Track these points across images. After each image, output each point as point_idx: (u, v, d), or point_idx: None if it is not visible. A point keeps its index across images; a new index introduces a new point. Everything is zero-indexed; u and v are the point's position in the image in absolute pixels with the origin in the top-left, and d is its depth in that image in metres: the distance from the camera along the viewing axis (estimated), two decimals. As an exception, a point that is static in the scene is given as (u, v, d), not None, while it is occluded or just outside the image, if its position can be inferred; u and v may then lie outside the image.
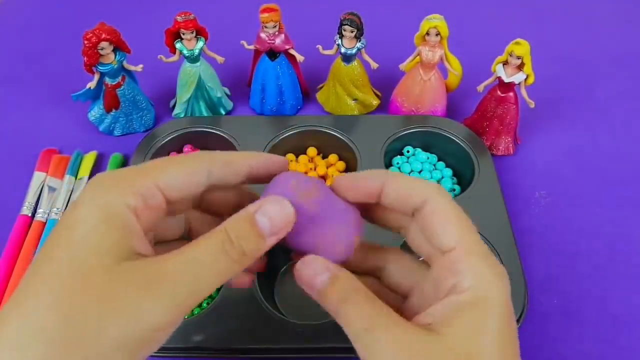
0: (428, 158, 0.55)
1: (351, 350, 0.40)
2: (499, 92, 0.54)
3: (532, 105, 0.54)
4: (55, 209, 0.51)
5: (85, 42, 0.51)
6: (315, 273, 0.24)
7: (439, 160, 0.56)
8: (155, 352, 0.40)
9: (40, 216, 0.51)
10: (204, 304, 0.45)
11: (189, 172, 0.25)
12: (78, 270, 0.20)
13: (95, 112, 0.58)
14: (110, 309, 0.20)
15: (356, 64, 0.57)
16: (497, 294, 0.22)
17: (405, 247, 0.29)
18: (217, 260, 0.22)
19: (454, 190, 0.53)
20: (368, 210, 0.28)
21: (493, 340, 0.22)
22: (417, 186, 0.25)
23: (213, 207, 0.29)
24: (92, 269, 0.20)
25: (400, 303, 0.27)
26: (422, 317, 0.24)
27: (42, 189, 0.53)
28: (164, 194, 0.24)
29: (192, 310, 0.44)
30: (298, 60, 0.58)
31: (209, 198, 0.29)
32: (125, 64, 0.55)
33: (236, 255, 0.23)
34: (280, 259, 0.48)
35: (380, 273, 0.29)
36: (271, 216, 0.23)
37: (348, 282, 0.24)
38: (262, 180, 0.27)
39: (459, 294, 0.22)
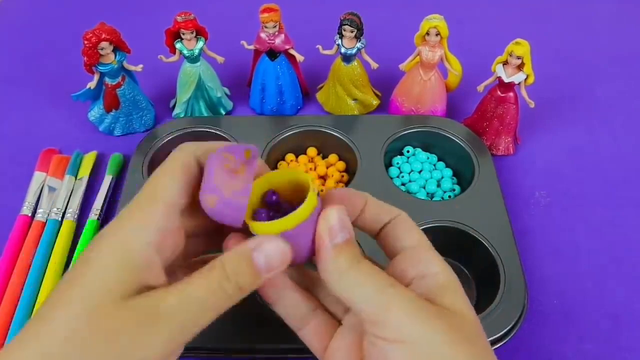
0: (428, 158, 0.55)
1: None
2: (499, 92, 0.54)
3: (532, 105, 0.54)
4: (55, 209, 0.51)
5: (85, 42, 0.51)
6: (334, 229, 0.25)
7: (439, 160, 0.56)
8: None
9: (40, 216, 0.51)
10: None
11: (186, 174, 0.26)
12: (87, 309, 0.22)
13: (95, 112, 0.58)
14: (113, 345, 0.22)
15: (356, 64, 0.57)
16: (455, 277, 0.27)
17: None
18: (214, 297, 0.24)
19: (454, 190, 0.53)
20: None
21: (472, 308, 0.26)
22: (389, 207, 0.29)
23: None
24: (101, 308, 0.22)
25: None
26: None
27: (42, 189, 0.53)
28: (178, 213, 0.25)
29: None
30: (298, 60, 0.58)
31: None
32: (125, 64, 0.55)
33: (232, 291, 0.24)
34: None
35: None
36: (267, 254, 0.24)
37: (358, 249, 0.26)
38: None
39: (433, 276, 0.26)
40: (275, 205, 0.27)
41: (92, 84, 0.55)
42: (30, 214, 0.51)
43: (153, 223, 0.24)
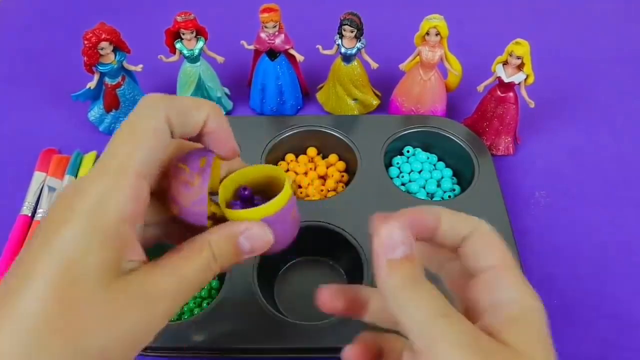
0: (428, 158, 0.55)
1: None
2: (499, 92, 0.54)
3: (532, 105, 0.54)
4: (55, 209, 0.51)
5: (85, 42, 0.51)
6: (388, 244, 0.23)
7: (439, 160, 0.56)
8: (156, 352, 0.41)
9: (40, 216, 0.51)
10: (204, 304, 0.45)
11: (157, 140, 0.24)
12: (71, 292, 0.21)
13: (95, 112, 0.58)
14: (112, 330, 0.21)
15: (356, 64, 0.57)
16: (540, 305, 0.24)
17: None
18: (203, 276, 0.24)
19: (454, 190, 0.53)
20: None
21: (546, 346, 0.23)
22: (465, 218, 0.25)
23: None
24: (85, 292, 0.21)
25: None
26: None
27: (42, 189, 0.53)
28: (146, 181, 0.23)
29: (192, 310, 0.44)
30: (298, 60, 0.58)
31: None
32: (125, 64, 0.55)
33: (216, 270, 0.25)
34: (280, 259, 0.48)
35: None
36: (254, 241, 0.25)
37: (418, 267, 0.23)
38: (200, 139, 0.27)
39: (507, 305, 0.23)
40: (248, 198, 0.28)
41: (92, 84, 0.55)
42: (30, 214, 0.51)
43: (126, 195, 0.22)
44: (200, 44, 0.56)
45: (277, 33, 0.55)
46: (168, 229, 0.27)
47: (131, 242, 0.23)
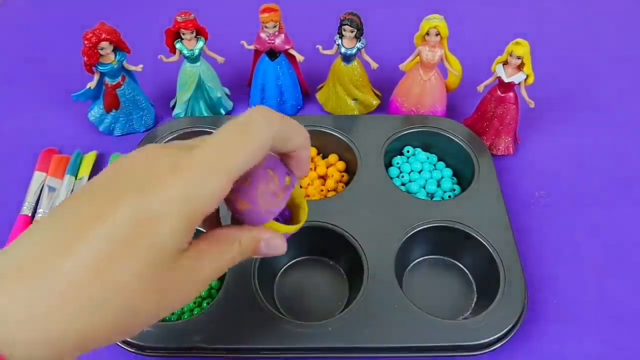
0: (428, 158, 0.55)
1: (351, 350, 0.41)
2: (499, 92, 0.54)
3: (532, 105, 0.54)
4: (55, 209, 0.51)
5: (85, 42, 0.51)
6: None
7: (439, 160, 0.56)
8: (156, 352, 0.41)
9: (40, 216, 0.51)
10: (204, 304, 0.45)
11: (259, 154, 0.26)
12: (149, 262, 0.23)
13: (95, 112, 0.58)
14: (160, 299, 0.24)
15: (356, 64, 0.57)
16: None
17: None
18: (229, 266, 0.28)
19: (454, 190, 0.53)
20: None
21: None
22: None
23: None
24: (157, 266, 0.24)
25: None
26: None
27: (42, 189, 0.53)
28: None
29: (192, 310, 0.44)
30: (298, 60, 0.58)
31: None
32: (125, 64, 0.55)
33: (236, 262, 0.28)
34: (280, 259, 0.48)
35: None
36: (270, 248, 0.30)
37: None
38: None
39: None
40: (286, 219, 0.33)
41: (92, 84, 0.55)
42: (30, 214, 0.51)
43: (216, 194, 0.25)
44: (200, 44, 0.56)
45: (277, 33, 0.55)
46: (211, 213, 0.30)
47: (195, 229, 0.25)
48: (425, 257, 0.49)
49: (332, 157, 0.56)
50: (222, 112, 0.61)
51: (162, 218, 0.23)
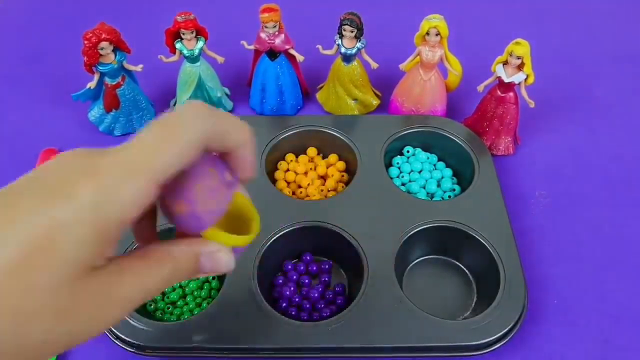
0: (428, 158, 0.55)
1: (351, 350, 0.41)
2: (499, 92, 0.54)
3: (532, 105, 0.54)
4: (55, 209, 0.51)
5: (85, 42, 0.51)
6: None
7: (439, 160, 0.56)
8: (156, 352, 0.41)
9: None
10: (204, 304, 0.45)
11: (188, 155, 0.23)
12: (42, 269, 0.20)
13: (95, 112, 0.58)
14: (70, 320, 0.21)
15: (356, 64, 0.57)
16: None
17: None
18: (161, 287, 0.24)
19: (454, 190, 0.53)
20: None
21: None
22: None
23: None
24: (55, 277, 0.20)
25: None
26: None
27: (42, 189, 0.53)
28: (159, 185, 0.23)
29: (192, 311, 0.44)
30: (298, 60, 0.58)
31: None
32: (125, 64, 0.55)
33: (175, 282, 0.25)
34: (280, 259, 0.48)
35: None
36: (215, 264, 0.26)
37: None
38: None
39: None
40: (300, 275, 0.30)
41: (92, 84, 0.55)
42: (30, 214, 0.51)
43: (135, 200, 0.22)
44: (200, 44, 0.56)
45: (277, 33, 0.55)
46: (141, 225, 0.27)
47: (114, 242, 0.22)
48: (425, 257, 0.49)
49: (332, 157, 0.56)
50: (222, 112, 0.61)
51: (68, 228, 0.20)
